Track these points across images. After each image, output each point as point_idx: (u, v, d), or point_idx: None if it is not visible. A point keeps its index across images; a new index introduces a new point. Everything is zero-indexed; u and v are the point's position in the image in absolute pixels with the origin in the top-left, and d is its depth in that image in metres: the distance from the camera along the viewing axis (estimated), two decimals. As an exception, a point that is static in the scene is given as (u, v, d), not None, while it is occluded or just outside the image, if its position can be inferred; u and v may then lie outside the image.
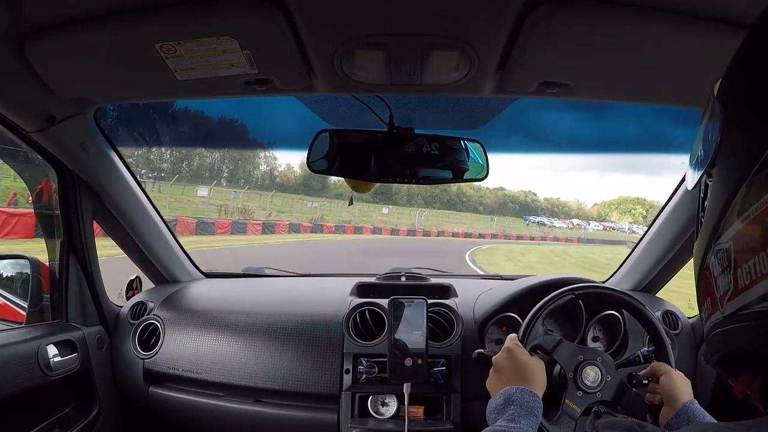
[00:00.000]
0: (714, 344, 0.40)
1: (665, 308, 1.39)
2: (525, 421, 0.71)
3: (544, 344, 0.95)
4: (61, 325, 1.23)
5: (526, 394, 0.76)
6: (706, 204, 0.41)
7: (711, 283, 0.39)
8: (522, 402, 0.74)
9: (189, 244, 1.91)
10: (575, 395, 0.94)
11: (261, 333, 1.30)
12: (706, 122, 0.40)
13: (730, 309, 0.36)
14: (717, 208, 0.38)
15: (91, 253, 1.29)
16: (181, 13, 0.70)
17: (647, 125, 1.29)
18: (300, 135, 1.11)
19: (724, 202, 0.37)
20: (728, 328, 0.37)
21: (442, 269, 1.77)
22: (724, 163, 0.37)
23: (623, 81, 0.85)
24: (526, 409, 0.73)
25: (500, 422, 0.71)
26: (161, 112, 1.61)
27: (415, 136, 1.02)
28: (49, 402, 1.14)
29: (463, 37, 0.72)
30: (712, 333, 0.40)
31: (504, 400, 0.75)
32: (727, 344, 0.38)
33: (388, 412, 1.22)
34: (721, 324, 0.38)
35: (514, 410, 0.73)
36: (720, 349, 0.39)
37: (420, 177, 1.03)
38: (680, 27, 0.68)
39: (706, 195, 0.41)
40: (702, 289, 0.42)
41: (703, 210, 0.42)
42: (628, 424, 0.41)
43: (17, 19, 0.72)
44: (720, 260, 0.38)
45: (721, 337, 0.38)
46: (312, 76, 0.85)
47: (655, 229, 1.40)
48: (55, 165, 1.16)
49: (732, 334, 0.36)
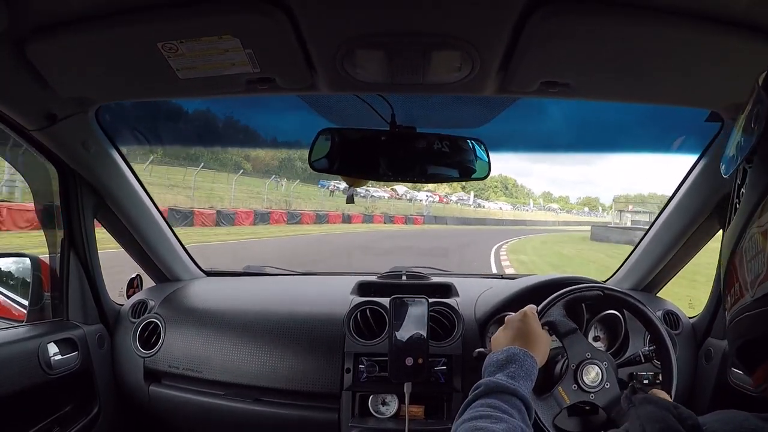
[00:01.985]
0: (739, 329, 0.40)
1: (666, 308, 1.39)
2: (523, 382, 0.70)
3: (558, 325, 0.95)
4: (62, 323, 1.24)
5: (528, 358, 0.75)
6: (742, 190, 0.42)
7: (742, 266, 0.40)
8: (523, 363, 0.74)
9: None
10: (570, 387, 0.94)
11: (262, 332, 1.30)
12: (749, 112, 0.41)
13: (762, 292, 0.37)
14: (756, 192, 0.39)
15: (92, 252, 1.29)
16: (183, 13, 0.70)
17: (648, 125, 1.29)
18: (302, 134, 1.11)
19: (764, 186, 0.38)
20: (757, 312, 0.37)
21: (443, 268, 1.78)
22: (767, 150, 0.39)
23: (624, 81, 0.85)
24: (526, 371, 0.73)
25: (500, 376, 0.71)
26: (162, 111, 1.63)
27: (417, 135, 1.02)
28: (50, 400, 1.15)
29: (466, 37, 0.72)
30: (738, 318, 0.40)
31: (506, 357, 0.75)
32: (754, 328, 0.38)
33: (388, 412, 1.22)
34: (750, 307, 0.38)
35: (514, 369, 0.72)
36: (745, 333, 0.40)
37: (422, 176, 1.03)
38: (681, 27, 0.68)
39: (744, 181, 0.42)
40: (730, 275, 0.42)
41: (738, 197, 0.43)
42: (664, 402, 0.42)
43: (18, 18, 0.72)
44: (755, 243, 0.38)
45: (748, 321, 0.39)
46: (314, 75, 0.85)
47: (656, 229, 1.40)
48: (56, 163, 1.16)
49: (761, 317, 0.37)
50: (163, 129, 1.57)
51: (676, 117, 1.21)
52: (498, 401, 0.64)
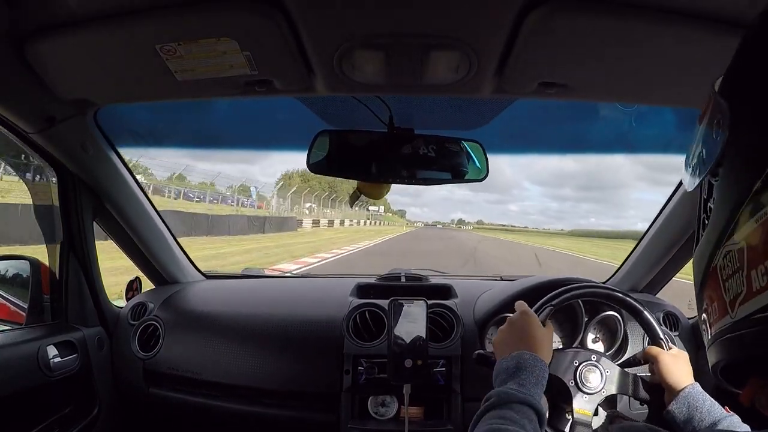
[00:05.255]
0: (720, 351, 0.38)
1: (666, 309, 1.38)
2: (534, 389, 0.70)
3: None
4: (61, 325, 1.23)
5: (538, 363, 0.75)
6: (710, 205, 0.39)
7: (719, 286, 0.37)
8: (534, 369, 0.73)
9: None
10: (582, 401, 0.93)
11: (261, 333, 1.30)
12: (708, 122, 0.38)
13: (743, 313, 0.34)
14: (727, 207, 0.36)
15: (91, 254, 1.29)
16: (182, 15, 0.70)
17: (649, 125, 1.29)
18: (300, 135, 1.11)
19: (735, 201, 0.35)
20: (739, 333, 0.35)
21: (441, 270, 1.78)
22: (733, 162, 0.36)
23: (622, 81, 0.85)
24: (536, 378, 0.72)
25: (512, 385, 0.70)
26: (161, 112, 1.63)
27: (415, 137, 1.02)
28: (49, 403, 1.14)
29: (463, 38, 0.72)
30: (718, 339, 0.38)
31: (516, 363, 0.74)
32: (737, 350, 0.36)
33: (388, 413, 1.22)
34: (730, 329, 0.36)
35: (525, 376, 0.72)
36: (727, 356, 0.37)
37: (419, 177, 1.03)
38: (680, 27, 0.68)
39: (710, 196, 0.39)
40: (706, 294, 0.40)
41: (705, 211, 0.41)
42: (640, 428, 0.41)
43: (17, 20, 0.72)
44: (731, 262, 0.36)
45: (729, 343, 0.36)
46: (312, 77, 0.85)
47: (655, 230, 1.40)
48: (55, 166, 1.16)
49: (743, 339, 0.35)
50: (161, 131, 1.57)
51: (675, 117, 1.21)
52: (510, 412, 0.64)
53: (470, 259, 14.42)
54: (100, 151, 1.17)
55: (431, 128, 1.05)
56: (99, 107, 1.06)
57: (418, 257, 13.89)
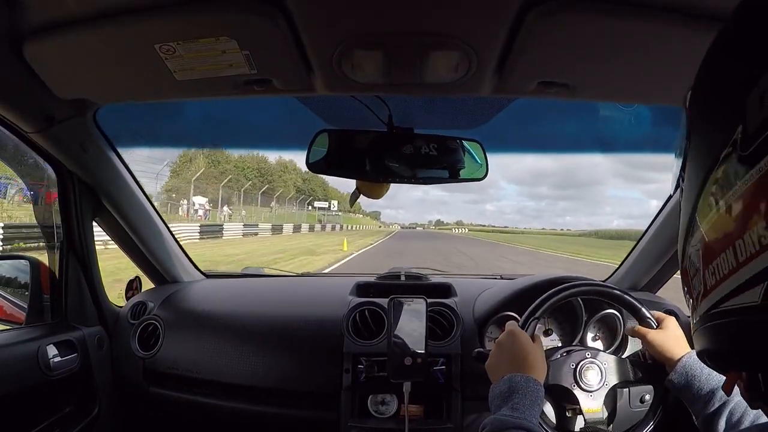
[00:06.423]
0: (697, 342, 0.41)
1: (666, 307, 1.38)
2: (529, 411, 0.70)
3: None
4: (61, 325, 1.24)
5: (531, 383, 0.75)
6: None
7: (689, 284, 0.41)
8: (527, 391, 0.73)
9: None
10: (589, 400, 0.93)
11: (261, 333, 1.30)
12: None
13: (702, 309, 0.37)
14: (686, 212, 0.39)
15: (90, 254, 1.29)
16: (180, 14, 0.70)
17: (650, 125, 1.29)
18: (300, 135, 1.11)
19: (691, 207, 0.38)
20: (704, 327, 0.38)
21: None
22: (689, 170, 0.39)
23: (623, 81, 0.85)
24: (531, 399, 0.73)
25: (505, 410, 0.71)
26: (160, 112, 1.62)
27: (415, 136, 1.02)
28: (49, 402, 1.14)
29: (462, 37, 0.72)
30: (694, 332, 0.41)
31: (509, 387, 0.75)
32: (705, 343, 0.38)
33: (388, 412, 1.22)
34: (698, 323, 0.39)
35: (518, 399, 0.72)
36: (701, 347, 0.40)
37: (419, 177, 1.03)
38: (680, 27, 0.68)
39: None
40: (685, 291, 0.43)
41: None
42: None
43: (16, 20, 0.72)
44: (693, 263, 0.39)
45: (698, 336, 0.39)
46: (311, 77, 0.85)
47: (654, 228, 1.40)
48: (54, 165, 1.16)
49: (707, 334, 0.37)
50: (160, 130, 1.57)
51: (676, 116, 1.21)
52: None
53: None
54: (99, 151, 1.17)
55: (431, 127, 1.05)
56: (98, 107, 1.06)
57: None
